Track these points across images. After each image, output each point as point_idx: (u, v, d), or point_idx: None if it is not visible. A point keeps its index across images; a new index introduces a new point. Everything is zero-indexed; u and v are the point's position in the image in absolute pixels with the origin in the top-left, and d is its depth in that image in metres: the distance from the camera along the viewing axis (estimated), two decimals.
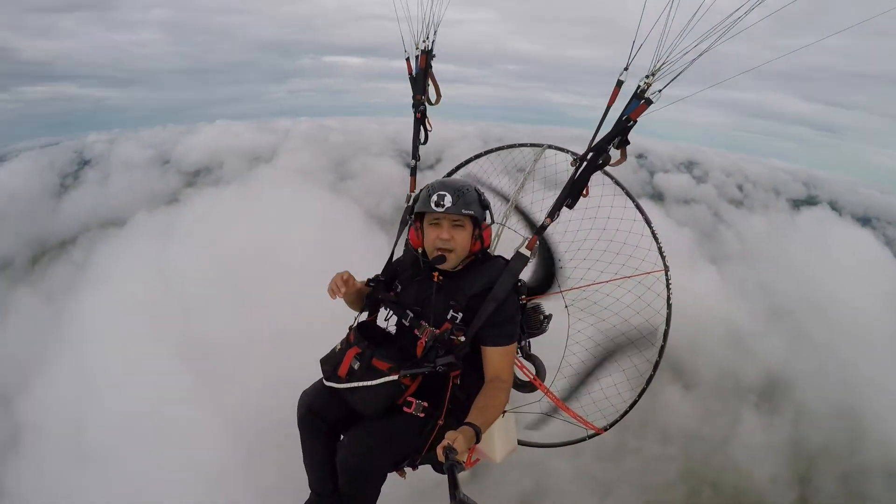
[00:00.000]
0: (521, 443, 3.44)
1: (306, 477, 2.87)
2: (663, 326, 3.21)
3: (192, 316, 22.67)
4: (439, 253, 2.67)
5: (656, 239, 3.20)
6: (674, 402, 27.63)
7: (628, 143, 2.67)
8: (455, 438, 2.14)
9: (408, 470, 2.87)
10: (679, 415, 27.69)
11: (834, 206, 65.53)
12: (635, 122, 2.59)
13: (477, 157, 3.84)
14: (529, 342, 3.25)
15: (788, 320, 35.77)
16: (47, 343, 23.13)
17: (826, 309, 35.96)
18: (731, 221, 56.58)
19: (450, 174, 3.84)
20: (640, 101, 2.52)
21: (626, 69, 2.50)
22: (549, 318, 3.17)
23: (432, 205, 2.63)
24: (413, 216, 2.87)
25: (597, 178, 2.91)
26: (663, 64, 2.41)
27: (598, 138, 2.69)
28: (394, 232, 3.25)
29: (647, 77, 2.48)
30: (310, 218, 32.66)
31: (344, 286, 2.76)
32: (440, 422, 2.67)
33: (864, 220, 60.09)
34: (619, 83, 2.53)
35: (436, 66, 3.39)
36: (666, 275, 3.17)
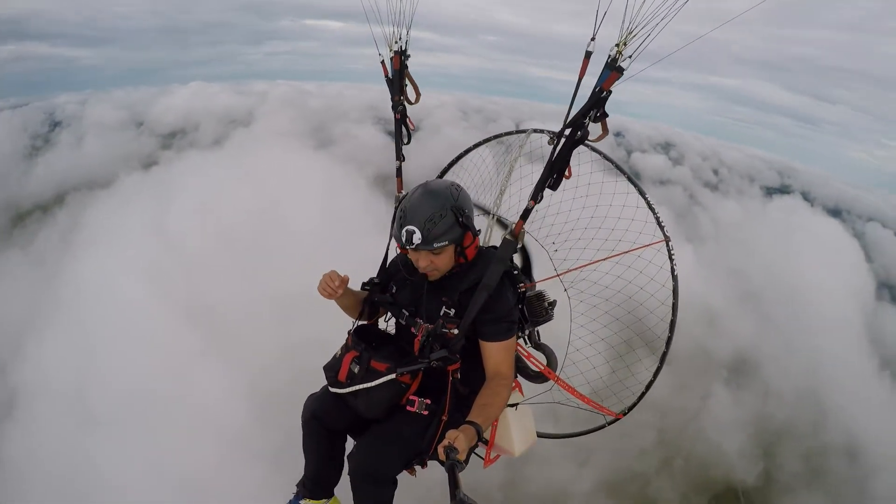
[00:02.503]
0: (539, 435, 3.34)
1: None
2: (671, 299, 3.06)
3: (194, 278, 22.55)
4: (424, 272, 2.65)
5: (652, 209, 3.06)
6: (650, 373, 28.66)
7: (607, 115, 2.57)
8: (456, 437, 2.12)
9: (417, 468, 2.87)
10: (655, 385, 28.70)
11: (806, 197, 67.46)
12: (610, 92, 2.49)
13: (460, 156, 3.80)
14: (538, 331, 3.19)
15: (757, 303, 37.05)
16: (40, 306, 22.66)
17: (793, 295, 37.46)
18: (706, 204, 57.69)
19: (441, 174, 3.82)
20: (611, 70, 2.44)
21: (592, 39, 2.41)
22: (553, 304, 3.06)
23: (403, 241, 2.50)
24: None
25: (585, 157, 2.83)
26: (631, 33, 2.36)
27: (573, 112, 2.56)
28: (377, 197, 3.24)
29: (616, 45, 2.40)
30: (304, 181, 32.28)
31: (342, 285, 2.72)
32: (444, 417, 2.67)
33: (835, 212, 61.86)
34: (588, 54, 2.44)
35: (414, 33, 3.29)
36: (667, 245, 3.03)
